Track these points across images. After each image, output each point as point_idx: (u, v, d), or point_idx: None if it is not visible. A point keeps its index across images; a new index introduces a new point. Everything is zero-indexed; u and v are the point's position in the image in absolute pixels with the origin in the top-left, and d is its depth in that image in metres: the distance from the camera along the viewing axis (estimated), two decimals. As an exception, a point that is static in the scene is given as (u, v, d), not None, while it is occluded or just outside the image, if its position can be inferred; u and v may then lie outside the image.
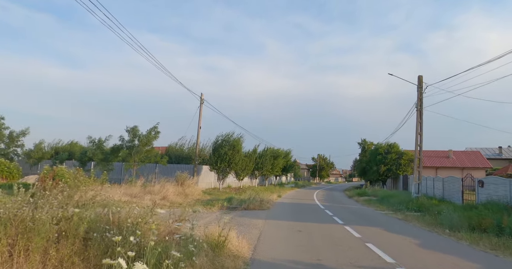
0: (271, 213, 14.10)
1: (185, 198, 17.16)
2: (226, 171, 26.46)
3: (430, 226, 12.19)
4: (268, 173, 38.79)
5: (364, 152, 45.99)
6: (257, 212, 14.05)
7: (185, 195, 17.57)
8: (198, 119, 25.82)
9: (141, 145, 22.93)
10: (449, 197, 20.16)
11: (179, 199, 16.50)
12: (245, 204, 15.18)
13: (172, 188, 17.02)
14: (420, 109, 22.53)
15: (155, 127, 23.21)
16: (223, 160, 25.12)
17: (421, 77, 22.99)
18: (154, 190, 16.61)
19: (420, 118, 22.51)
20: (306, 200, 22.83)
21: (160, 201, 15.43)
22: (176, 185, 18.37)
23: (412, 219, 13.98)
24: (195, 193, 18.51)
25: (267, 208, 15.65)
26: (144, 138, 22.89)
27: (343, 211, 16.22)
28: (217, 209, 14.59)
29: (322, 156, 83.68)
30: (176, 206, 15.07)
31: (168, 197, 15.87)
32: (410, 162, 38.01)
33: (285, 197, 24.96)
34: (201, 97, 25.74)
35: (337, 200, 24.56)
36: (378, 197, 25.55)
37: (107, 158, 24.08)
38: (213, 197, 19.77)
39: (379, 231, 10.52)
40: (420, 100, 22.64)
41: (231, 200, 16.54)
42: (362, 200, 24.20)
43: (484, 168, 39.20)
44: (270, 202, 17.88)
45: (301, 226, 10.57)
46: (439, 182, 22.66)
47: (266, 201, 17.20)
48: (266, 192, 25.71)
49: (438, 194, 22.05)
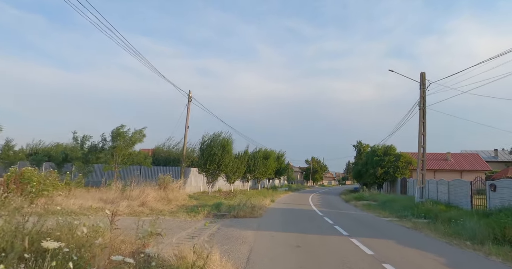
0: (264, 221, 12.37)
1: (167, 204, 15.34)
2: (215, 173, 24.62)
3: (445, 236, 10.63)
4: (261, 176, 37.01)
5: (360, 154, 44.56)
6: (247, 221, 12.32)
7: (168, 200, 15.75)
8: (186, 118, 24.03)
9: (124, 146, 21.06)
10: (456, 202, 18.68)
11: (160, 205, 14.68)
12: (235, 211, 13.43)
13: (153, 193, 15.19)
14: (423, 108, 21.12)
15: (142, 130, 21.42)
16: (212, 162, 23.29)
17: (423, 74, 21.61)
18: (132, 195, 14.76)
19: (423, 118, 21.08)
20: (301, 205, 21.15)
21: (138, 208, 13.63)
22: (158, 189, 16.54)
23: (422, 228, 12.40)
24: (179, 198, 16.70)
25: (259, 215, 13.92)
26: (128, 139, 21.04)
27: (344, 219, 14.57)
28: (203, 217, 12.82)
29: (316, 159, 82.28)
30: (156, 213, 13.25)
31: (148, 203, 14.04)
32: (408, 165, 36.71)
33: (279, 201, 23.25)
34: (189, 95, 23.98)
35: (334, 205, 22.93)
36: (378, 201, 24.01)
37: (86, 158, 22.11)
38: (200, 202, 17.97)
39: (391, 244, 8.88)
40: (423, 98, 21.24)
41: (219, 206, 14.78)
42: (361, 205, 22.62)
43: (483, 171, 38.04)
44: (263, 208, 16.16)
45: (300, 239, 8.87)
46: (443, 186, 21.19)
47: (258, 207, 15.48)
48: (259, 196, 23.97)
49: (443, 198, 20.57)
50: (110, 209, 13.44)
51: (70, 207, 12.57)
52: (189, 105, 23.90)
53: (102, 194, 15.64)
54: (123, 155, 21.29)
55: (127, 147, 20.99)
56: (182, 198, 17.16)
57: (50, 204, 12.95)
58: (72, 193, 14.75)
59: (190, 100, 23.98)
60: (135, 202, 13.91)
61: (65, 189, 13.66)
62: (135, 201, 14.01)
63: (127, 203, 13.62)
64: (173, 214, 13.04)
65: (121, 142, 20.74)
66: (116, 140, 20.57)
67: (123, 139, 20.64)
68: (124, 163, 21.46)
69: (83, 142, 21.70)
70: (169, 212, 13.69)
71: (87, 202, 13.71)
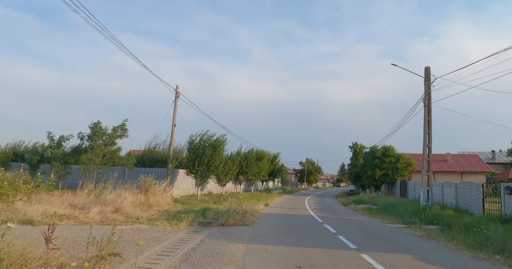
0: (257, 231, 10.67)
1: (147, 210, 13.56)
2: (205, 175, 22.82)
3: (468, 248, 9.07)
4: (254, 178, 35.27)
5: (356, 155, 43.06)
6: (237, 230, 10.60)
7: (149, 205, 13.96)
8: (173, 115, 22.26)
9: (103, 145, 19.20)
10: (465, 206, 17.19)
11: (138, 211, 12.89)
12: (223, 218, 11.69)
13: (131, 197, 13.40)
14: (428, 104, 19.64)
15: (123, 124, 19.51)
16: (202, 163, 21.48)
17: (428, 69, 20.16)
18: (108, 200, 12.95)
19: (428, 115, 19.60)
20: (298, 210, 19.47)
21: (111, 215, 11.84)
22: (139, 193, 14.75)
23: (437, 237, 10.85)
24: (162, 203, 14.91)
25: (251, 222, 12.21)
26: (107, 136, 19.18)
27: (346, 226, 12.94)
28: (186, 226, 11.08)
29: (310, 160, 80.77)
30: (131, 221, 11.49)
31: (124, 209, 12.24)
32: (408, 167, 35.34)
33: (274, 206, 21.55)
34: (177, 90, 22.22)
35: (333, 210, 21.31)
36: (379, 205, 22.46)
37: (65, 159, 20.21)
38: (186, 207, 16.20)
39: (411, 261, 7.25)
40: (428, 94, 19.76)
41: (206, 212, 13.04)
42: (361, 209, 21.03)
43: (484, 173, 36.83)
44: (255, 214, 14.46)
45: (300, 256, 7.19)
46: (450, 189, 19.71)
47: (250, 212, 13.78)
48: (251, 199, 22.27)
49: (450, 202, 19.09)
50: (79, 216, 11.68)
51: (30, 213, 10.76)
52: (176, 102, 22.14)
53: (75, 198, 13.81)
54: (103, 155, 19.45)
55: (107, 145, 19.12)
56: (166, 202, 15.37)
57: (6, 210, 11.13)
58: (38, 197, 12.92)
59: (178, 96, 22.22)
60: (108, 207, 12.11)
61: (26, 192, 11.80)
62: (109, 207, 12.20)
63: (99, 209, 11.81)
64: (152, 222, 11.27)
65: (100, 140, 18.89)
66: (94, 138, 18.70)
67: (102, 137, 18.79)
68: (104, 164, 19.60)
69: (60, 142, 19.81)
70: (148, 219, 11.92)
71: (53, 207, 11.88)
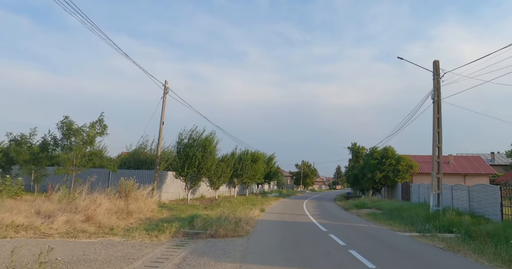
0: (251, 244, 8.98)
1: (126, 218, 11.79)
2: (196, 178, 21.03)
3: (505, 264, 7.50)
4: (249, 181, 33.53)
5: (356, 157, 41.53)
6: (229, 243, 8.90)
7: (128, 213, 12.19)
8: (161, 113, 20.51)
9: (80, 144, 17.36)
10: (481, 211, 15.66)
11: (115, 219, 11.11)
12: (212, 228, 9.98)
13: (107, 203, 11.62)
14: (437, 101, 18.15)
15: (100, 119, 17.66)
16: (192, 165, 19.69)
17: (437, 62, 18.69)
18: (80, 206, 11.16)
19: (437, 112, 18.10)
20: (297, 216, 17.79)
21: (81, 224, 10.06)
22: (118, 198, 12.98)
23: (462, 249, 9.27)
24: (145, 209, 13.14)
25: (246, 233, 10.50)
26: (85, 134, 17.34)
27: (354, 236, 11.29)
28: (168, 238, 9.36)
29: (306, 163, 79.25)
30: (104, 232, 9.71)
31: (97, 217, 10.47)
32: (409, 169, 33.92)
33: (270, 211, 19.84)
34: (165, 86, 20.48)
35: (334, 215, 19.67)
36: (383, 210, 20.89)
37: (37, 160, 18.30)
38: (172, 214, 14.44)
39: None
40: (437, 89, 18.27)
41: (194, 220, 11.32)
42: (365, 215, 19.42)
43: (488, 175, 35.55)
44: (250, 221, 12.75)
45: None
46: (461, 192, 18.20)
47: (244, 220, 12.08)
48: (246, 204, 20.55)
49: (462, 206, 17.57)
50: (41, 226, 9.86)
51: None
52: (165, 98, 20.40)
53: (44, 204, 11.98)
54: (82, 156, 17.61)
55: (86, 145, 17.28)
56: (149, 209, 13.60)
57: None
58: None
59: (167, 91, 20.48)
60: (78, 216, 10.33)
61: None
62: (79, 215, 10.42)
63: (67, 218, 10.02)
64: (128, 233, 9.52)
65: (77, 139, 17.04)
66: (68, 137, 16.83)
67: (79, 135, 16.94)
68: (83, 165, 17.76)
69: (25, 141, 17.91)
70: (124, 229, 10.16)
71: (13, 216, 10.06)
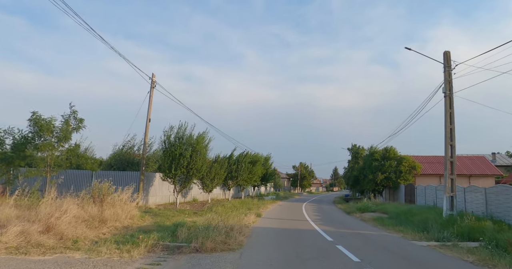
0: (245, 262, 7.28)
1: (98, 227, 10.04)
2: (186, 180, 19.23)
3: None
4: (245, 183, 31.80)
5: (356, 158, 39.94)
6: (217, 261, 7.19)
7: (101, 220, 10.43)
8: (148, 108, 18.79)
9: (56, 141, 15.56)
10: (500, 216, 14.12)
11: (83, 229, 9.35)
12: (198, 241, 8.26)
13: (75, 210, 9.86)
14: (449, 95, 16.63)
15: (74, 112, 15.74)
16: (180, 165, 17.89)
17: (448, 53, 17.19)
18: (41, 214, 9.38)
19: (450, 107, 16.56)
20: (297, 222, 16.10)
21: (39, 236, 8.30)
22: (91, 203, 11.23)
23: (499, 265, 7.70)
24: (122, 216, 11.38)
25: (239, 245, 8.79)
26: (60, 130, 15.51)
27: (366, 247, 9.64)
28: (143, 253, 7.64)
29: (304, 164, 77.62)
30: (64, 247, 7.98)
31: (59, 227, 8.70)
32: (411, 170, 32.39)
33: (267, 216, 18.14)
34: (152, 79, 18.77)
35: (337, 220, 18.01)
36: (390, 214, 19.28)
37: (8, 160, 16.44)
38: (155, 221, 12.70)
39: None
40: (449, 82, 16.74)
41: (178, 229, 9.59)
42: (371, 220, 17.80)
43: (493, 175, 34.15)
44: (244, 230, 11.05)
45: None
46: (476, 194, 16.65)
47: (237, 229, 10.38)
48: (241, 208, 18.86)
49: (477, 210, 16.02)
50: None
51: None
52: (151, 92, 18.68)
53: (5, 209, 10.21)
54: (56, 156, 15.81)
55: (61, 142, 15.47)
56: (128, 215, 11.83)
57: None
58: None
59: (154, 86, 18.77)
60: (36, 225, 8.56)
61: None
62: (37, 224, 8.66)
63: (21, 228, 8.26)
64: (93, 248, 7.77)
65: (49, 136, 15.24)
66: (39, 134, 15.02)
67: (52, 131, 15.13)
68: (58, 165, 15.96)
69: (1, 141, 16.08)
70: (91, 242, 8.41)
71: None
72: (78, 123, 15.08)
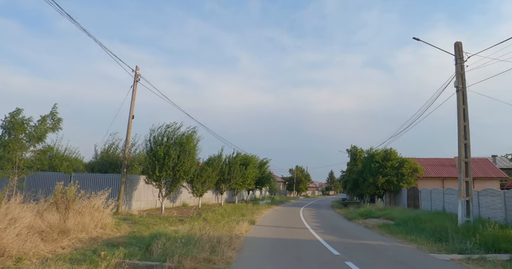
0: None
1: (57, 239, 8.28)
2: (172, 183, 17.45)
3: None
4: (239, 186, 30.04)
5: (355, 161, 38.41)
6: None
7: (63, 231, 8.68)
8: (131, 104, 17.08)
9: (27, 140, 13.81)
10: (523, 223, 12.59)
11: (37, 242, 7.57)
12: (173, 259, 6.54)
13: (30, 218, 8.12)
14: (462, 89, 15.14)
15: (53, 112, 14.20)
16: (165, 167, 16.13)
17: (459, 44, 15.75)
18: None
19: (463, 103, 15.07)
20: (296, 231, 14.39)
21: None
22: (52, 210, 9.47)
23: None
24: (91, 226, 9.62)
25: (226, 264, 7.08)
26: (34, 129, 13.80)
27: (380, 263, 7.99)
28: (101, 276, 5.92)
29: (300, 168, 76.02)
30: (3, 267, 6.22)
31: (2, 241, 6.93)
32: (414, 172, 30.92)
33: (262, 223, 16.41)
34: (136, 72, 17.08)
35: (339, 228, 16.34)
36: (396, 220, 17.66)
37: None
38: (132, 231, 10.93)
39: None
40: (461, 76, 15.26)
41: (153, 243, 7.84)
42: (376, 227, 16.16)
43: (498, 178, 32.82)
44: (235, 242, 9.34)
45: None
46: (493, 198, 15.14)
47: (226, 241, 8.68)
48: (233, 214, 17.15)
49: (494, 216, 14.50)
50: None
51: None
52: (135, 86, 16.97)
53: None
54: (27, 157, 14.06)
55: (32, 141, 13.76)
56: (99, 224, 10.07)
57: None
58: None
59: (138, 79, 17.09)
60: (-28, 240, 6.79)
61: None
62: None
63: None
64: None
65: (21, 135, 13.52)
66: (10, 132, 13.31)
67: (24, 130, 13.43)
68: (28, 167, 14.18)
69: None
70: (41, 261, 6.66)
71: None
72: (55, 123, 13.50)
